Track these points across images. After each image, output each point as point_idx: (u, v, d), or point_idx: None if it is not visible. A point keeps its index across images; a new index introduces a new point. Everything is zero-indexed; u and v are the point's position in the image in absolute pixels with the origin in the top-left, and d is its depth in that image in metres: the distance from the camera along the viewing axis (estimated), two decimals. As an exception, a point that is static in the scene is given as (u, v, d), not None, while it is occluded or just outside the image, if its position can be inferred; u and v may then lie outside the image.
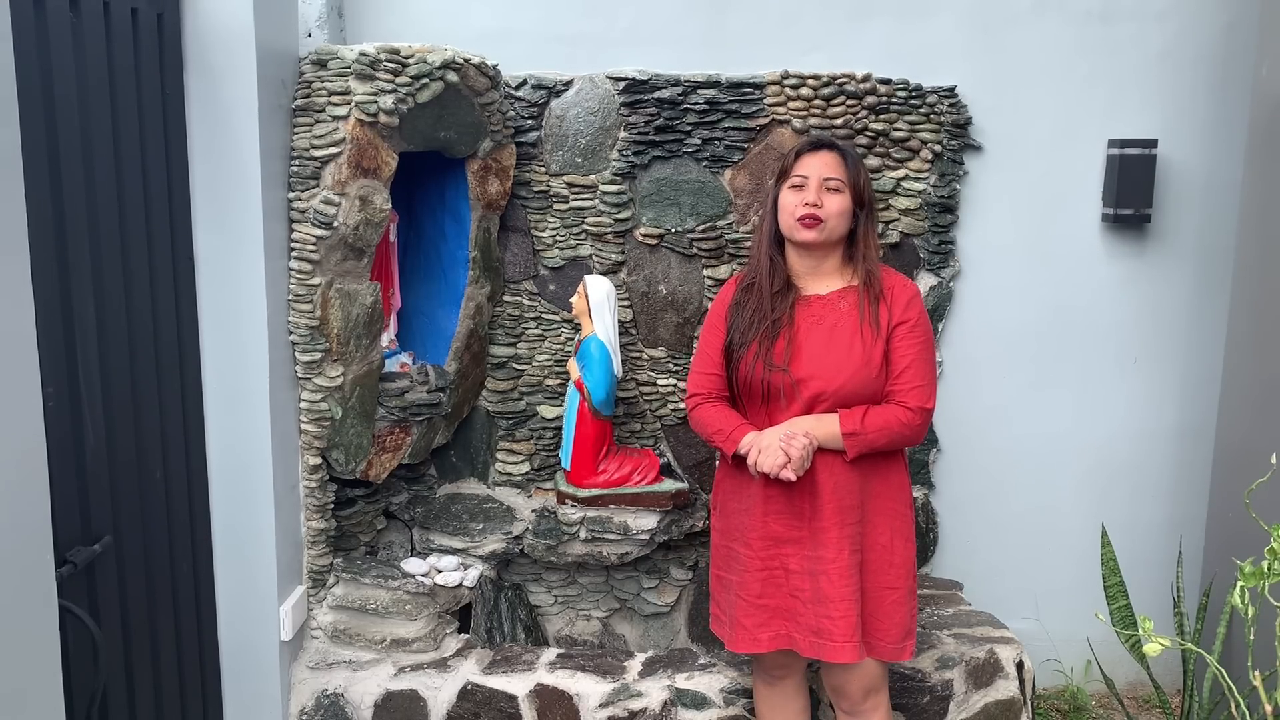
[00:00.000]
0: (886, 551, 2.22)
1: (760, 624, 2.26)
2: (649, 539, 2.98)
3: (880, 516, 2.22)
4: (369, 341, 2.66)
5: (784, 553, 2.22)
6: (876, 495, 2.22)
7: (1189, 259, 3.21)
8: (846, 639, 2.16)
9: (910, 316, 2.20)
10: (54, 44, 1.77)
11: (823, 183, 2.19)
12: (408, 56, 2.51)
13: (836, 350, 2.17)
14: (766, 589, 2.25)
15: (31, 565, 1.47)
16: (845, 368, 2.16)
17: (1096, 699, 3.26)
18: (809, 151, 2.23)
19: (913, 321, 2.20)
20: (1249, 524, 2.66)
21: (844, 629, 2.16)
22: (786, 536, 2.22)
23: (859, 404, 2.18)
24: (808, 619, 2.20)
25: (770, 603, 2.25)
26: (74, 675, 1.80)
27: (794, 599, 2.22)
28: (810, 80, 3.01)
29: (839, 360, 2.17)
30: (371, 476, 2.77)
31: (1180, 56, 3.11)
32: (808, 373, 2.18)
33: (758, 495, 2.23)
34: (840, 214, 2.20)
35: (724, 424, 2.24)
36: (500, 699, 2.58)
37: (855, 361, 2.16)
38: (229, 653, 2.51)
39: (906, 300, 2.21)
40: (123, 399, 2.03)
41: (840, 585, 2.16)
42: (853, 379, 2.16)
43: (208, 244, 2.33)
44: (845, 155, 2.23)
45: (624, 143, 3.03)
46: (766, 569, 2.24)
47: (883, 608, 2.22)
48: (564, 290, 3.11)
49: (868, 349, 2.17)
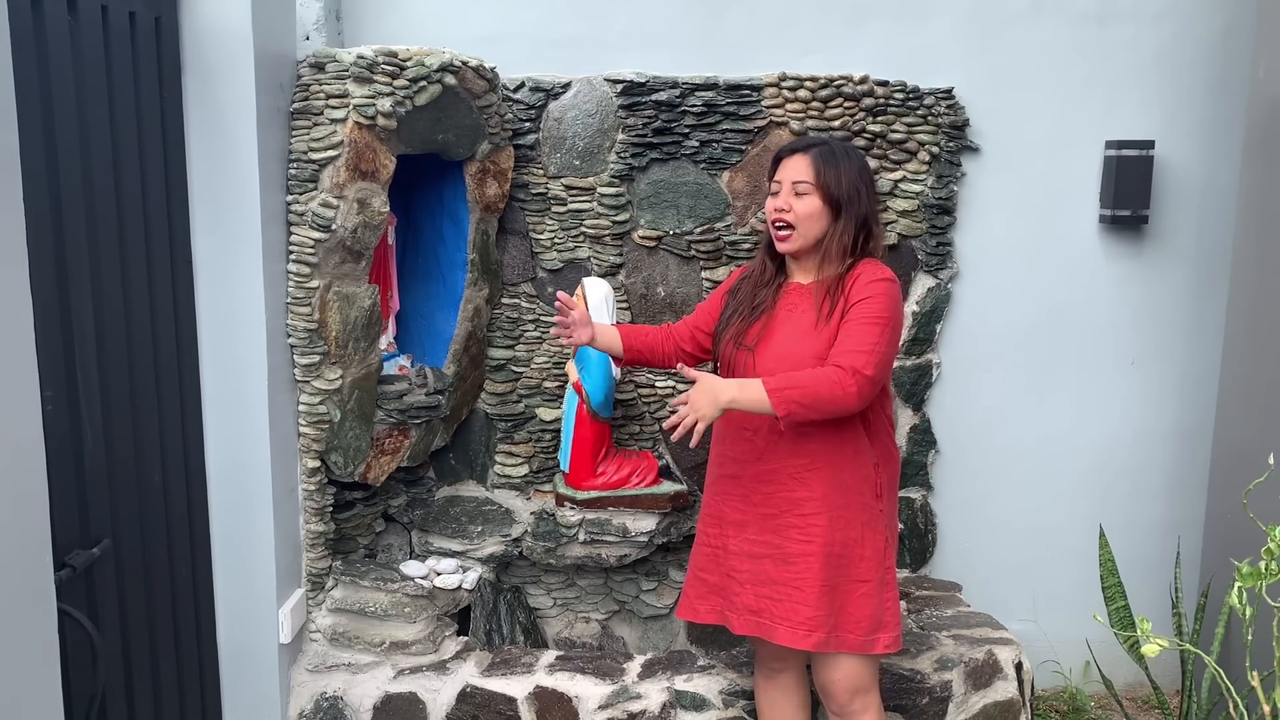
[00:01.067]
0: (857, 545, 2.22)
1: (700, 595, 2.37)
2: (648, 541, 2.98)
3: (850, 511, 2.21)
4: (367, 344, 2.66)
5: (726, 533, 2.31)
6: (844, 489, 2.21)
7: (1186, 260, 3.21)
8: (785, 619, 2.20)
9: (863, 295, 2.15)
10: (52, 48, 1.77)
11: (792, 187, 2.20)
12: (406, 59, 2.51)
13: (794, 337, 2.20)
14: (708, 564, 2.36)
15: (30, 569, 1.46)
16: (795, 354, 2.18)
17: (1095, 700, 3.26)
18: (786, 156, 2.25)
19: (864, 298, 2.15)
20: (1247, 524, 2.66)
21: (784, 611, 2.21)
22: (732, 519, 2.29)
23: None
24: (744, 598, 2.27)
25: (709, 578, 2.35)
26: (73, 679, 1.80)
27: (729, 578, 2.30)
28: (808, 82, 3.01)
29: (793, 347, 2.19)
30: (370, 479, 2.77)
31: (1178, 58, 3.12)
32: (769, 355, 2.21)
33: (715, 474, 2.35)
34: (809, 216, 2.20)
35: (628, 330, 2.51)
36: (499, 701, 2.58)
37: (806, 350, 2.17)
38: (228, 656, 2.50)
39: (865, 283, 2.17)
40: (121, 402, 2.03)
41: (787, 570, 2.21)
42: (802, 364, 2.16)
43: (206, 247, 2.33)
44: (817, 157, 2.20)
45: (622, 145, 3.04)
46: (709, 545, 2.35)
47: (852, 599, 2.22)
48: (563, 292, 3.10)
49: (820, 337, 2.17)
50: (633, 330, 2.51)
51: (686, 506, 3.05)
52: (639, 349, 2.48)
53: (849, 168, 2.21)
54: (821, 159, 2.20)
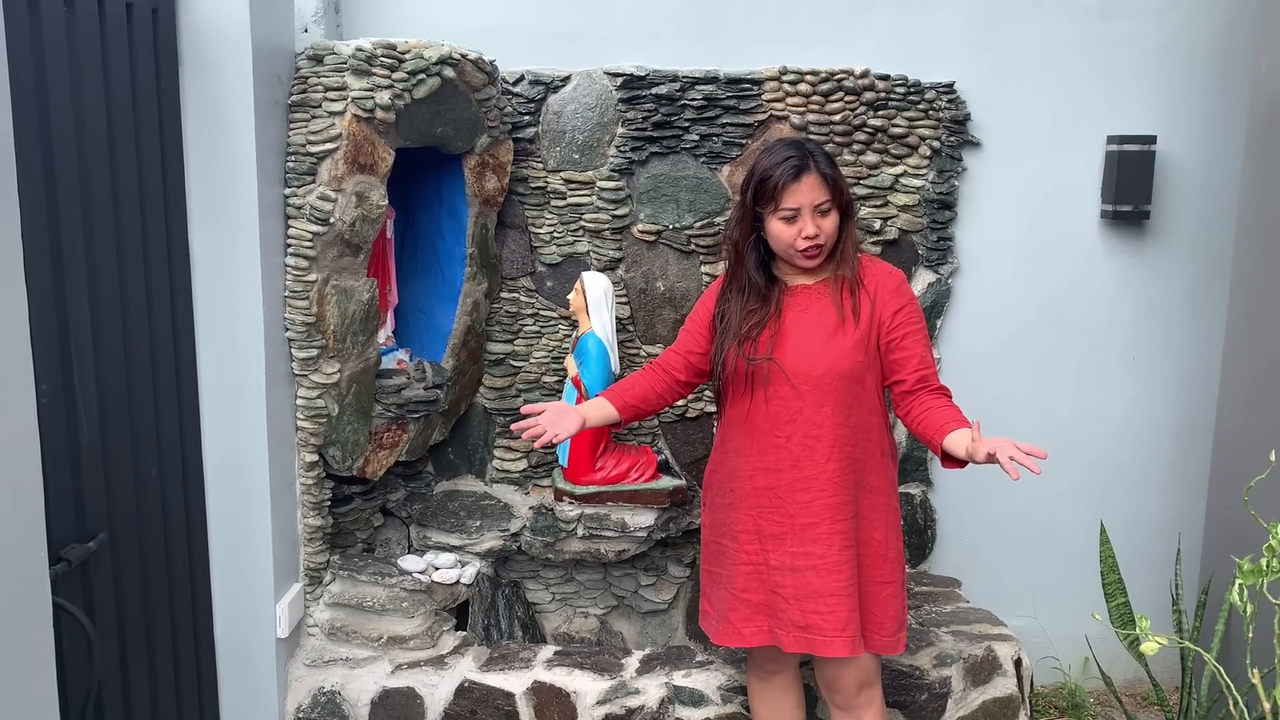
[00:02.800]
0: (881, 546, 2.24)
1: (744, 618, 2.27)
2: (646, 536, 2.97)
3: (875, 512, 2.24)
4: (365, 338, 2.65)
5: (766, 548, 2.23)
6: (871, 490, 2.23)
7: (1187, 255, 3.20)
8: (838, 633, 2.16)
9: (899, 303, 2.21)
10: (48, 39, 1.76)
11: (814, 210, 2.15)
12: (404, 52, 2.50)
13: (820, 336, 2.19)
14: (750, 583, 2.26)
15: (26, 563, 1.46)
16: (825, 353, 2.18)
17: (1094, 696, 3.26)
18: (792, 180, 2.14)
19: (902, 306, 2.21)
20: (1248, 521, 2.66)
21: (834, 623, 2.16)
22: (770, 532, 2.23)
23: (838, 386, 2.17)
24: (791, 614, 2.20)
25: (753, 598, 2.26)
26: (68, 673, 1.79)
27: (775, 594, 2.23)
28: (809, 76, 3.00)
29: (821, 345, 2.19)
30: (368, 474, 2.76)
31: (1179, 53, 3.11)
32: (797, 358, 2.19)
33: (745, 489, 2.26)
34: (834, 231, 2.20)
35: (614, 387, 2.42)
36: (497, 696, 2.57)
37: (838, 348, 2.18)
38: (225, 650, 2.50)
39: (894, 286, 2.23)
40: (118, 396, 2.02)
41: (832, 580, 2.17)
42: (837, 365, 2.17)
43: (203, 240, 2.32)
44: (821, 171, 2.16)
45: (622, 139, 3.02)
46: (750, 563, 2.26)
47: (878, 601, 2.23)
48: (561, 287, 3.10)
49: (849, 336, 2.18)
50: (620, 389, 2.39)
51: (685, 502, 3.04)
52: (633, 404, 2.36)
53: (837, 169, 2.20)
54: (823, 173, 2.16)
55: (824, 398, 2.17)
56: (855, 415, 2.20)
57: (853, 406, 2.20)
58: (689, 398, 3.14)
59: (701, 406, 3.16)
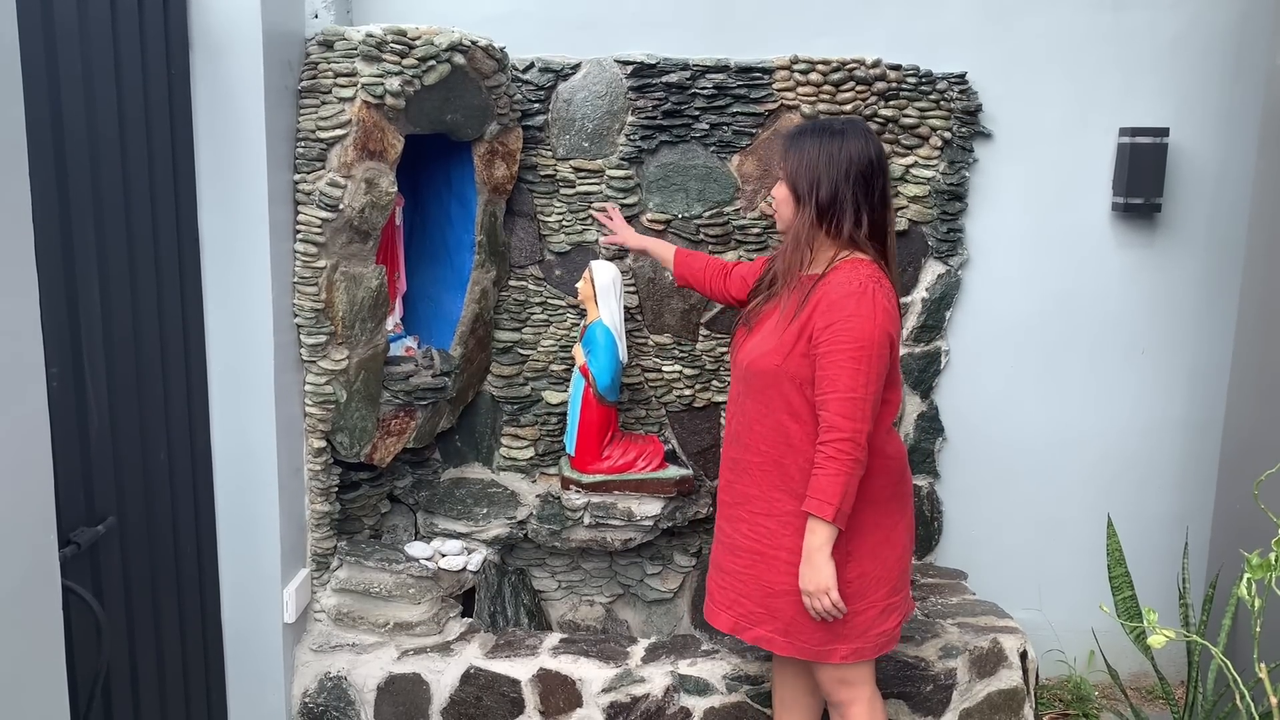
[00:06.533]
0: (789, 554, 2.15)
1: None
2: (653, 525, 2.98)
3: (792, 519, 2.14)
4: (374, 325, 2.65)
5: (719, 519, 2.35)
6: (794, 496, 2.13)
7: (1199, 249, 3.19)
8: (724, 608, 2.27)
9: (827, 320, 2.05)
10: (59, 25, 1.76)
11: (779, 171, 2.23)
12: (415, 38, 2.49)
13: (763, 330, 2.21)
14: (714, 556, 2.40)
15: (35, 546, 1.46)
16: (755, 348, 2.19)
17: (1100, 689, 3.26)
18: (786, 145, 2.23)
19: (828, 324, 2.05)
20: (1257, 516, 2.65)
21: (723, 599, 2.27)
22: (721, 500, 2.34)
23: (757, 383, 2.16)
24: (708, 579, 2.36)
25: None
26: (77, 656, 1.80)
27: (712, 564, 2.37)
28: (820, 65, 2.99)
29: (759, 340, 2.20)
30: (376, 460, 2.77)
31: (1193, 44, 3.08)
32: (744, 344, 2.25)
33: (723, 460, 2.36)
34: (781, 201, 2.21)
35: None
36: (503, 683, 2.58)
37: (762, 347, 2.18)
38: (232, 635, 2.51)
39: (834, 300, 2.06)
40: (127, 380, 2.02)
41: (732, 560, 2.25)
42: (757, 362, 2.17)
43: (213, 226, 2.33)
44: (787, 143, 2.19)
45: (631, 127, 3.02)
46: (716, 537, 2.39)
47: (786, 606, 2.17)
48: (570, 275, 3.10)
49: (776, 337, 2.14)
50: (688, 252, 2.67)
51: (691, 491, 3.04)
52: (690, 266, 2.63)
53: (814, 151, 2.12)
54: (788, 145, 2.18)
55: (749, 390, 2.21)
56: (773, 416, 2.14)
57: (770, 407, 2.15)
58: (695, 388, 3.14)
59: (709, 397, 3.16)
